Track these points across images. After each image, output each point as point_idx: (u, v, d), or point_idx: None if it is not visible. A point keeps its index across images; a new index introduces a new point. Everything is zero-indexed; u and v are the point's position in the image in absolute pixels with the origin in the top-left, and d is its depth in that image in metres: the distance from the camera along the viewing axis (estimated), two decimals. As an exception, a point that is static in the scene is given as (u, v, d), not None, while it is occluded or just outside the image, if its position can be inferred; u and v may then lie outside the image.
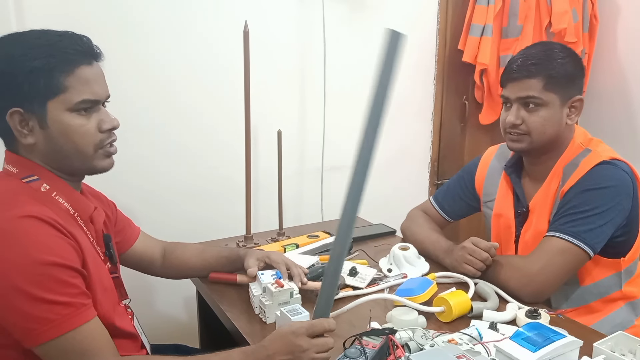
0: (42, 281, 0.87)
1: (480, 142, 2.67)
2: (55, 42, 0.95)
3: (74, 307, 0.89)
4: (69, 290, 0.90)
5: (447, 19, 2.51)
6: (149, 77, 1.84)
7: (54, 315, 0.87)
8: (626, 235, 1.34)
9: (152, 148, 1.90)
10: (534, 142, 1.35)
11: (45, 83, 0.93)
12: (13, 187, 0.96)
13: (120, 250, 1.25)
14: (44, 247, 0.88)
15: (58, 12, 1.66)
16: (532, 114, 1.33)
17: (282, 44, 2.10)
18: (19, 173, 0.98)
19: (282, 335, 0.96)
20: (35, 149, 0.98)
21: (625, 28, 2.60)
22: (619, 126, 2.62)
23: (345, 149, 2.32)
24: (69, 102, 0.95)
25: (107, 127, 1.01)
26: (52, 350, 0.89)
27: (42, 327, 0.87)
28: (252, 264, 1.31)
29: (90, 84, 0.97)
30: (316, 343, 0.94)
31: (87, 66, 0.97)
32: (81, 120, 0.97)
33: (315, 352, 0.94)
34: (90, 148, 0.99)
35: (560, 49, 1.35)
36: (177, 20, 1.87)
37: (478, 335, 1.03)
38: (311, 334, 0.94)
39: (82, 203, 1.04)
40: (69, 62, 0.95)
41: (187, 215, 2.00)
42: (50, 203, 0.97)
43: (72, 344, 0.89)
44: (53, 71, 0.93)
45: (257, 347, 0.97)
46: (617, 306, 1.37)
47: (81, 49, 0.97)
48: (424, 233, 1.59)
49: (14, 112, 0.94)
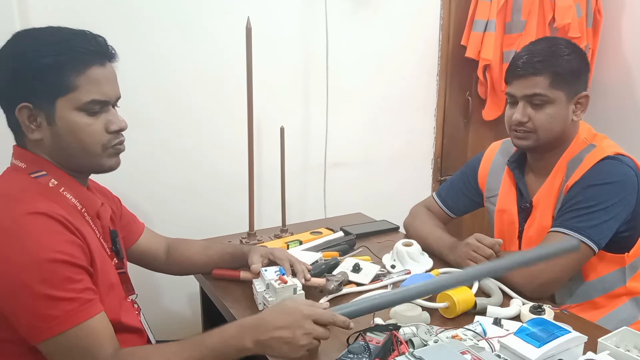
0: (48, 278, 0.87)
1: (484, 138, 2.66)
2: (67, 40, 0.96)
3: (78, 303, 0.90)
4: (74, 287, 0.90)
5: (450, 15, 2.50)
6: (152, 73, 1.84)
7: (58, 311, 0.88)
8: (631, 231, 1.34)
9: (154, 144, 1.90)
10: (540, 139, 1.34)
11: (55, 81, 0.94)
12: (22, 183, 0.96)
13: (125, 245, 1.25)
14: (51, 244, 0.89)
15: (62, 10, 1.66)
16: (539, 112, 1.32)
17: (285, 41, 2.09)
18: (27, 168, 0.98)
19: (289, 311, 0.96)
20: (41, 145, 0.98)
21: (629, 23, 2.59)
22: (624, 121, 2.61)
23: (348, 146, 2.33)
24: (78, 101, 0.96)
25: (114, 128, 1.01)
26: (55, 347, 0.89)
27: (47, 324, 0.87)
28: (255, 261, 1.31)
29: (101, 84, 0.98)
30: (318, 330, 0.95)
31: (99, 67, 0.98)
32: (89, 119, 0.98)
33: (313, 338, 0.95)
34: (98, 147, 1.00)
35: (566, 45, 1.34)
36: (180, 17, 1.87)
37: (482, 331, 1.03)
38: (317, 321, 0.95)
39: (90, 199, 1.05)
40: (80, 62, 0.95)
41: (190, 211, 2.01)
42: (58, 199, 0.97)
43: (75, 341, 0.89)
44: (63, 69, 0.94)
45: (256, 320, 0.96)
46: (622, 302, 1.36)
47: (94, 48, 0.97)
48: (428, 229, 1.59)
49: (23, 107, 0.95)
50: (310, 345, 0.95)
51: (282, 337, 0.93)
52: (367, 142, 2.38)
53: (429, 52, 2.49)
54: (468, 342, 0.97)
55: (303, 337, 0.94)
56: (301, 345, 0.94)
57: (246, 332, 0.95)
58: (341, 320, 0.97)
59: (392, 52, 2.36)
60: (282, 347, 0.93)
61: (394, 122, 2.44)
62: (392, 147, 2.46)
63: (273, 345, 0.94)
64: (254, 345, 0.94)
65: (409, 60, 2.43)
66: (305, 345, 0.94)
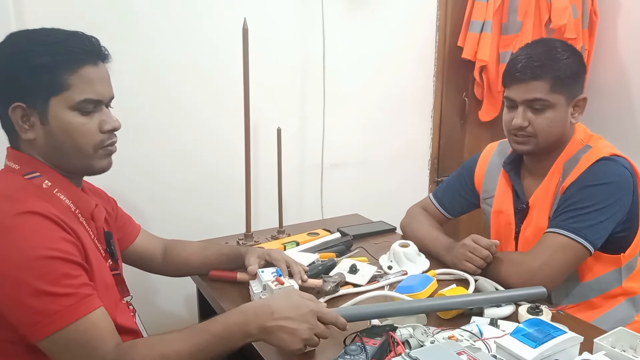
0: (45, 275, 0.87)
1: (480, 138, 2.67)
2: (62, 40, 0.96)
3: (77, 298, 0.89)
4: (72, 282, 0.90)
5: (447, 16, 2.50)
6: (148, 74, 1.84)
7: (57, 306, 0.87)
8: (626, 231, 1.35)
9: (151, 145, 1.89)
10: (540, 143, 1.34)
11: (49, 80, 0.94)
12: (16, 184, 0.96)
13: (121, 247, 1.25)
14: (47, 242, 0.89)
15: (58, 11, 1.65)
16: (539, 116, 1.31)
17: (281, 41, 2.09)
18: (20, 169, 0.98)
19: (297, 304, 0.98)
20: (35, 145, 0.99)
21: (625, 24, 2.59)
22: (620, 122, 2.62)
23: (345, 146, 2.34)
24: (71, 100, 0.96)
25: (108, 127, 1.02)
26: (57, 343, 0.89)
27: (47, 320, 0.87)
28: (252, 262, 1.31)
29: (94, 83, 0.98)
30: (320, 327, 0.98)
31: (92, 66, 0.98)
32: (82, 119, 0.98)
33: (314, 334, 0.97)
34: (90, 147, 1.00)
35: (563, 48, 1.33)
36: (176, 18, 1.87)
37: (478, 332, 1.03)
38: (321, 318, 0.98)
39: (83, 200, 1.05)
40: (74, 61, 0.96)
41: (187, 212, 2.00)
42: (52, 199, 0.97)
43: (75, 335, 0.89)
44: (57, 69, 0.95)
45: (262, 307, 0.98)
46: (618, 302, 1.37)
47: (88, 48, 0.98)
48: (424, 230, 1.59)
49: (16, 107, 0.95)
50: (310, 340, 0.97)
51: (286, 327, 0.95)
52: (364, 143, 2.38)
53: (426, 53, 2.49)
54: (464, 343, 0.97)
55: (306, 331, 0.96)
56: (303, 338, 0.96)
57: (251, 318, 0.96)
58: (342, 322, 1.00)
59: (388, 53, 2.37)
60: (284, 336, 0.95)
61: (390, 123, 2.44)
62: (389, 148, 2.46)
63: (277, 333, 0.95)
64: (259, 332, 0.95)
65: (405, 61, 2.43)
66: (306, 339, 0.96)
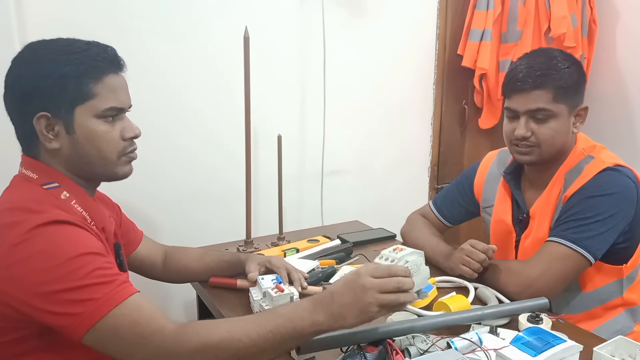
0: (80, 270, 0.87)
1: (480, 146, 2.68)
2: (84, 50, 0.98)
3: (116, 284, 0.89)
4: (108, 272, 0.90)
5: (447, 24, 2.52)
6: (150, 81, 1.85)
7: (99, 294, 0.87)
8: (628, 242, 1.34)
9: (152, 152, 1.89)
10: (543, 153, 1.33)
11: (75, 89, 0.96)
12: (34, 194, 0.96)
13: (124, 254, 1.25)
14: (74, 242, 0.89)
15: (58, 19, 1.66)
16: (542, 126, 1.30)
17: (282, 49, 2.10)
18: (39, 179, 0.99)
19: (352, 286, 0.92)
20: (58, 154, 0.99)
21: (624, 33, 2.61)
22: (619, 131, 2.63)
23: (345, 153, 2.34)
24: (97, 108, 0.98)
25: (129, 135, 1.04)
26: (103, 331, 0.87)
27: (90, 309, 0.86)
28: (252, 269, 1.31)
29: (117, 92, 1.01)
30: (384, 299, 0.91)
31: (114, 75, 1.01)
32: (106, 127, 1.00)
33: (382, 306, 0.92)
34: (114, 154, 1.02)
35: (563, 57, 1.32)
36: (178, 26, 1.88)
37: (478, 340, 1.03)
38: (382, 290, 0.91)
39: (98, 212, 1.06)
40: (98, 70, 0.98)
41: (187, 219, 2.01)
42: (69, 210, 0.97)
43: (121, 319, 0.87)
44: (83, 77, 0.96)
45: (327, 294, 0.94)
46: (617, 312, 1.36)
47: (108, 57, 1.00)
48: (424, 237, 1.59)
49: (41, 116, 0.96)
50: (380, 312, 0.92)
51: (350, 312, 0.91)
52: (364, 150, 2.39)
53: (426, 61, 2.50)
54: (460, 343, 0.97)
55: (370, 309, 0.91)
56: (371, 316, 0.91)
57: (319, 305, 0.92)
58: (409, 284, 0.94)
59: (388, 61, 2.38)
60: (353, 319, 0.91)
61: (390, 130, 2.45)
62: (389, 155, 2.47)
63: (346, 315, 0.91)
64: (326, 318, 0.91)
65: (405, 69, 2.44)
66: (376, 312, 0.92)
